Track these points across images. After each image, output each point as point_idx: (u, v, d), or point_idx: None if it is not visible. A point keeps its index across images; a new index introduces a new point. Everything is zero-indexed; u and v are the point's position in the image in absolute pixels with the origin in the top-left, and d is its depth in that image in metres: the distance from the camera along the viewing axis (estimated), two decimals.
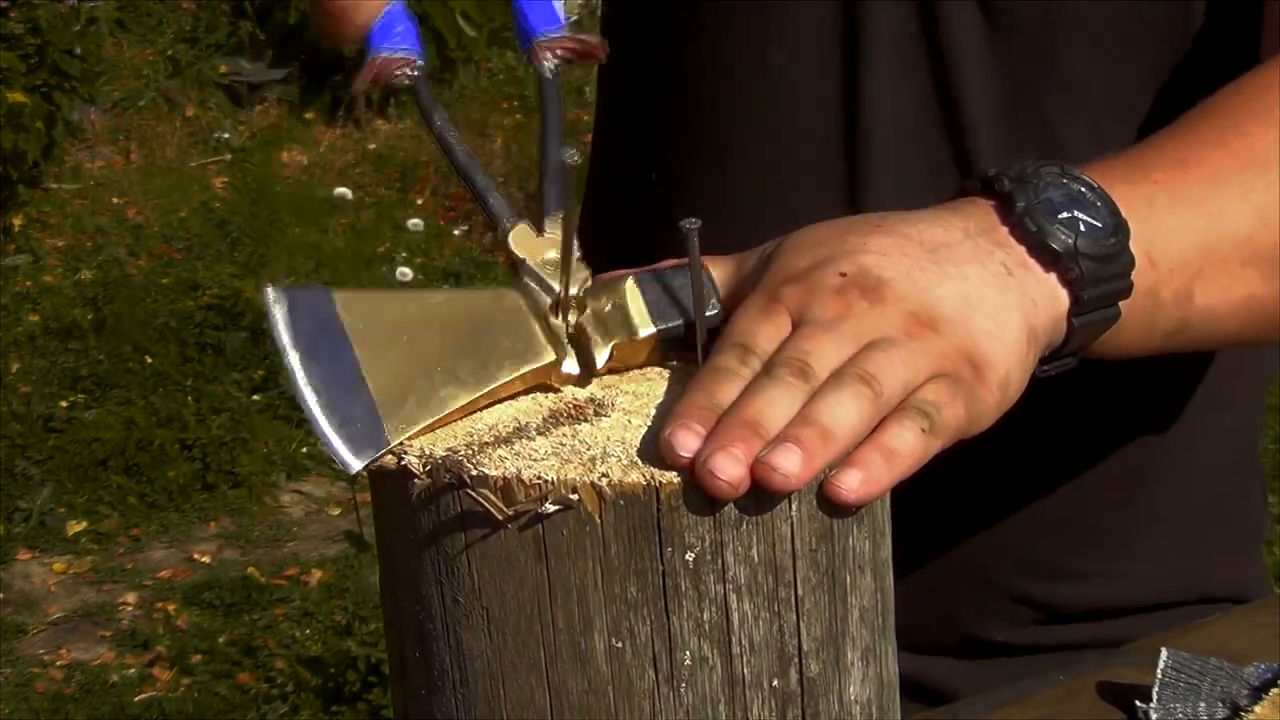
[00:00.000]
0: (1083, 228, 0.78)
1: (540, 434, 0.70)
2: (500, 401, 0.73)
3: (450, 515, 0.67)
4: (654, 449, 0.67)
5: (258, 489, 4.43)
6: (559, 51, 0.87)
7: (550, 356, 0.74)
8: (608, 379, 0.76)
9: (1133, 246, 0.80)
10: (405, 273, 5.46)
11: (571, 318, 0.75)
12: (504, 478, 0.66)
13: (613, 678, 0.67)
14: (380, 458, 0.69)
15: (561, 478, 0.65)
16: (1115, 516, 1.13)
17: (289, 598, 3.91)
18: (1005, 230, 0.78)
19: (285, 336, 0.72)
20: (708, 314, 0.76)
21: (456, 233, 5.99)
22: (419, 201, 6.22)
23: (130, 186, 6.27)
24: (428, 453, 0.68)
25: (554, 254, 0.77)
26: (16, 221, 5.84)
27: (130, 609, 3.95)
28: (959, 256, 0.76)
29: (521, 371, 0.73)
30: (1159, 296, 0.84)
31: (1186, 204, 0.86)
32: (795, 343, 0.71)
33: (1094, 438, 1.11)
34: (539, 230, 0.79)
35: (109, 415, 4.66)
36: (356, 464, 0.69)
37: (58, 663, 3.74)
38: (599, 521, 0.65)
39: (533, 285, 0.76)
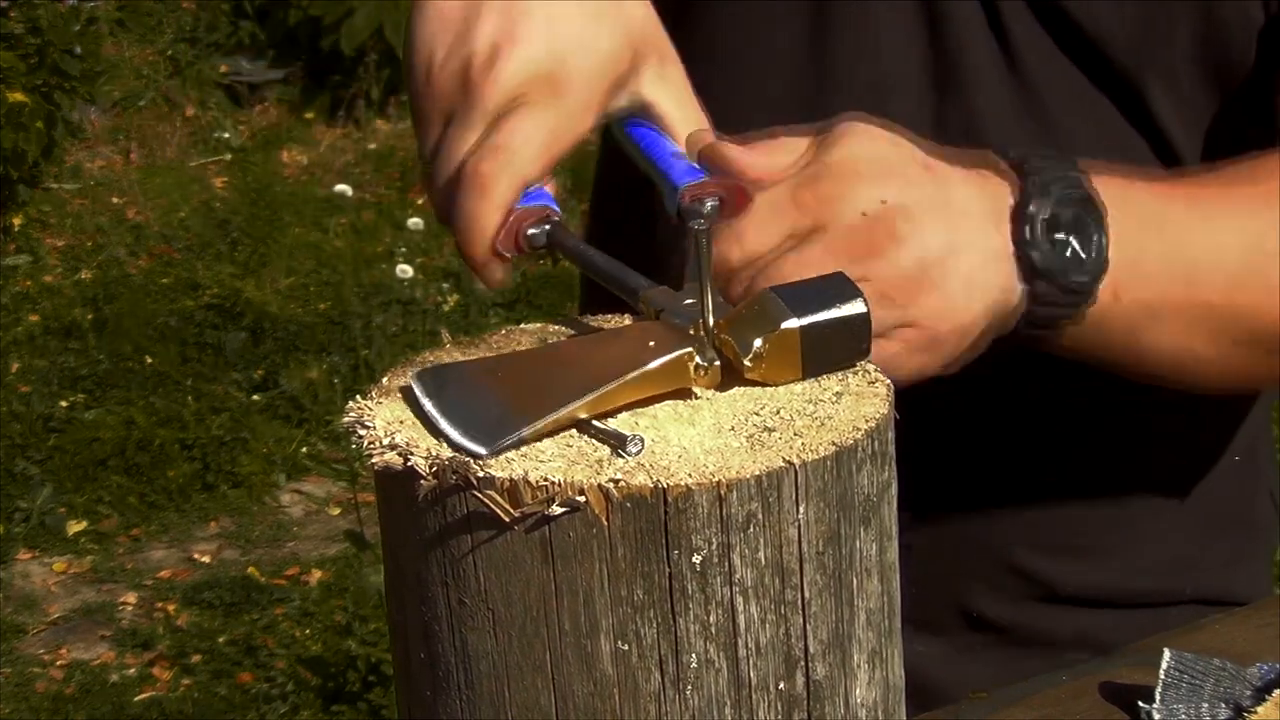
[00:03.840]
0: (1069, 253, 0.87)
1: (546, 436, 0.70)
2: (635, 406, 0.71)
3: (456, 517, 0.67)
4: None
5: (258, 489, 4.43)
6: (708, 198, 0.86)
7: (684, 348, 0.72)
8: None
9: (1104, 278, 0.88)
10: (405, 270, 5.45)
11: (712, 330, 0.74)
12: (511, 479, 0.66)
13: (618, 680, 0.67)
14: (510, 444, 0.67)
15: (568, 480, 0.65)
16: (1116, 498, 1.13)
17: (289, 598, 3.91)
18: (1009, 223, 0.88)
19: (431, 409, 0.71)
20: None
21: None
22: (419, 201, 6.21)
23: (130, 186, 6.26)
24: (434, 454, 0.68)
25: (692, 301, 0.76)
26: (16, 221, 5.84)
27: (130, 609, 3.95)
28: (970, 227, 0.86)
29: (650, 365, 0.71)
30: (1107, 325, 0.90)
31: (1183, 231, 0.92)
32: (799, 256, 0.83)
33: (1099, 418, 1.11)
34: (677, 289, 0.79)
35: (109, 415, 4.65)
36: (484, 451, 0.67)
37: (58, 663, 3.74)
38: (606, 524, 0.65)
39: (674, 320, 0.76)
